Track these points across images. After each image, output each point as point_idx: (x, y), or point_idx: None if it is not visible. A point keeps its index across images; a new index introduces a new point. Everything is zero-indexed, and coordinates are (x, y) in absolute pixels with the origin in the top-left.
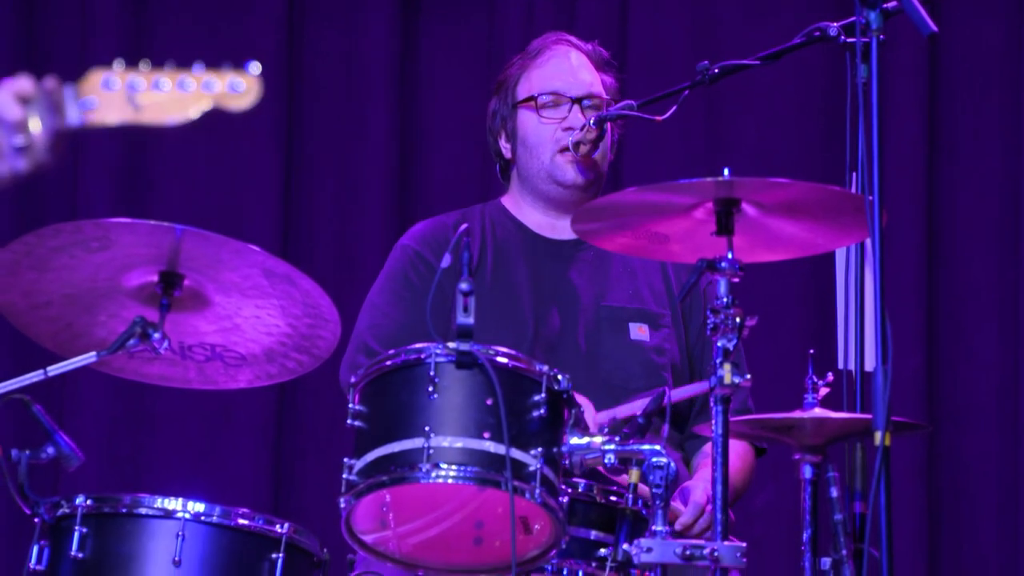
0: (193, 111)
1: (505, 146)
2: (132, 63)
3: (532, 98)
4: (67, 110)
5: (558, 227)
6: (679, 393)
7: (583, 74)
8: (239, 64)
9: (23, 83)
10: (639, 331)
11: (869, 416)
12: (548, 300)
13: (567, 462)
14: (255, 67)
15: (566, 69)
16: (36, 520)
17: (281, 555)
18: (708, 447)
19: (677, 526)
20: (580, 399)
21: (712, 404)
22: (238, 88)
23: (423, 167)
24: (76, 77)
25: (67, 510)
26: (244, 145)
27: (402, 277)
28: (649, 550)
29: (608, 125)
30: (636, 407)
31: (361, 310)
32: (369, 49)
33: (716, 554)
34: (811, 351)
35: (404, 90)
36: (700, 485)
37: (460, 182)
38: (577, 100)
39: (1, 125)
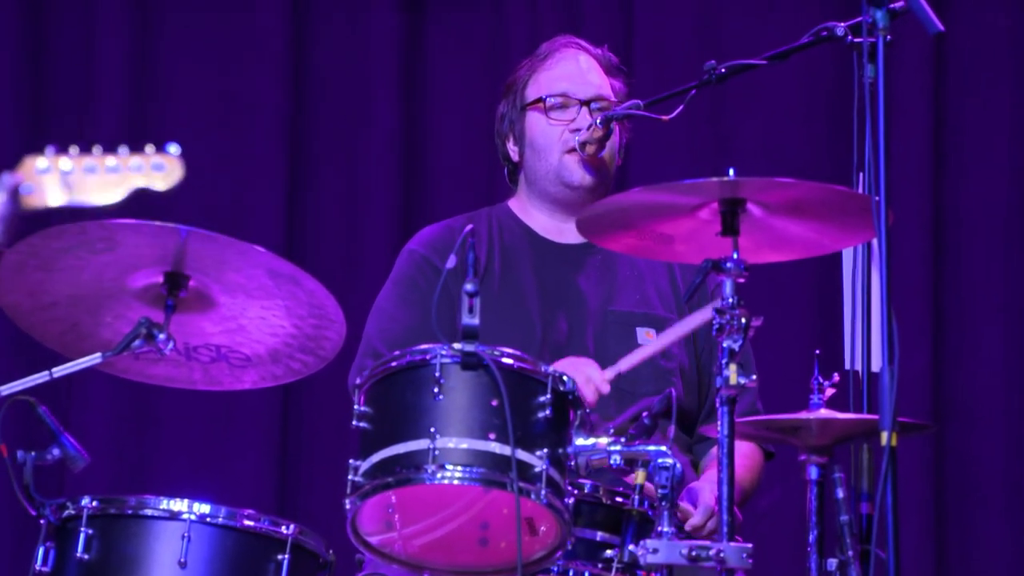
0: (121, 192)
1: (513, 149)
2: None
3: (540, 100)
4: (9, 197)
5: (565, 231)
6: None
7: (592, 76)
8: (160, 145)
9: None
10: (647, 336)
11: (875, 417)
12: (555, 305)
13: (573, 463)
14: (174, 148)
15: (575, 71)
16: (42, 521)
17: (287, 556)
18: (716, 450)
19: (687, 528)
20: (582, 360)
21: (718, 405)
22: (161, 168)
23: (428, 163)
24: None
25: (73, 511)
26: (249, 143)
27: (410, 282)
28: (655, 551)
29: (616, 128)
30: (637, 355)
31: (369, 315)
32: (374, 45)
33: (722, 555)
34: (817, 352)
35: (409, 86)
36: (707, 487)
37: (466, 178)
38: (586, 102)
39: None
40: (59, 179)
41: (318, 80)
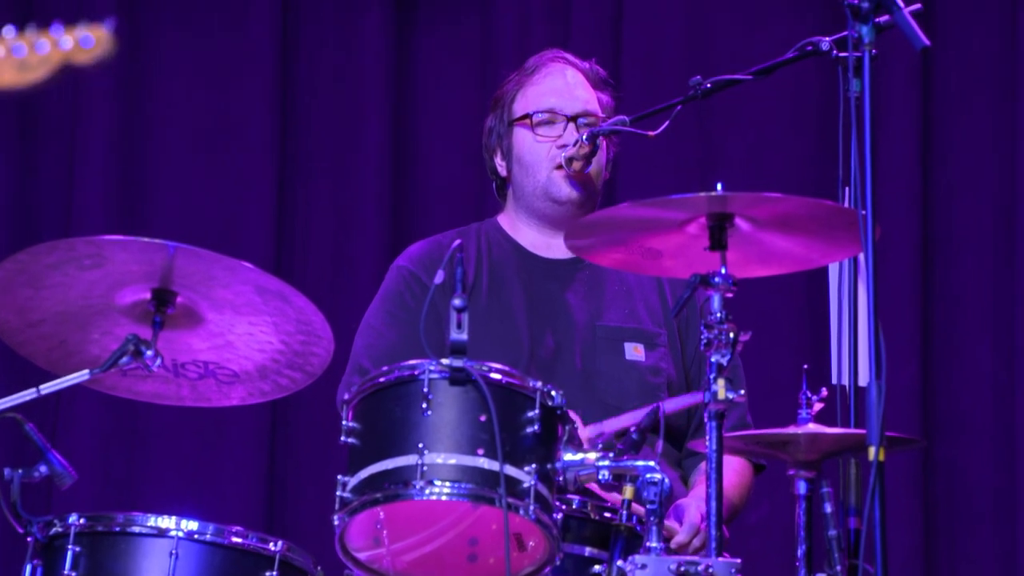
0: (45, 70)
1: (501, 164)
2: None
3: (527, 116)
4: None
5: (553, 246)
6: (672, 404)
7: (579, 92)
8: (94, 20)
9: None
10: (635, 351)
11: (863, 431)
12: (543, 320)
13: (561, 478)
14: (110, 22)
15: (561, 87)
16: (29, 539)
17: (275, 573)
18: (704, 464)
19: (672, 545)
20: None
21: (706, 420)
22: (88, 43)
23: (418, 178)
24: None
25: (60, 529)
26: (239, 156)
27: (398, 298)
28: (644, 566)
29: (603, 142)
30: (624, 420)
31: (357, 331)
32: (364, 58)
33: (711, 570)
34: (805, 366)
35: (399, 101)
36: (693, 503)
37: (455, 192)
38: (572, 118)
39: None
40: None
41: (307, 95)
